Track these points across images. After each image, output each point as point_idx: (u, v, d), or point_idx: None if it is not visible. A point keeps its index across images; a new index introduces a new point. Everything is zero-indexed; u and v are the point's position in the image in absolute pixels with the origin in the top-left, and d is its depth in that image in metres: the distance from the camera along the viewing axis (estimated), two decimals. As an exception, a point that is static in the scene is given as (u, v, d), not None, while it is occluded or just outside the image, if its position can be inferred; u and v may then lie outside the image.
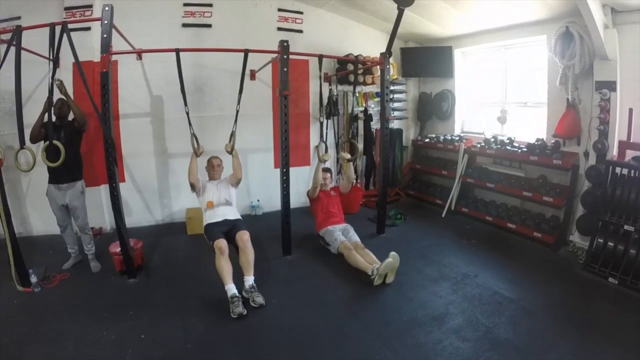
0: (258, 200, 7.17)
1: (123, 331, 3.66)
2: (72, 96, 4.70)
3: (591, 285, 4.38)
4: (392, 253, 4.43)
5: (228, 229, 4.53)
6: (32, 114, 4.37)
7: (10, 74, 4.02)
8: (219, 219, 4.65)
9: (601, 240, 4.57)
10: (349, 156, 5.83)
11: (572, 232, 5.21)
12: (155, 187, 6.60)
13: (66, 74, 4.41)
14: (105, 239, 5.77)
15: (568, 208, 5.38)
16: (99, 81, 4.29)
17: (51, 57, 4.21)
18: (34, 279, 4.40)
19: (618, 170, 4.54)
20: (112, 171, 4.39)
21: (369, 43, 7.37)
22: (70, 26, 4.19)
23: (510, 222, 5.81)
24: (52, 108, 4.33)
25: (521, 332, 3.50)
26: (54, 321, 3.85)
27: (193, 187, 4.88)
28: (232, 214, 4.79)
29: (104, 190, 5.97)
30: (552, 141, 5.42)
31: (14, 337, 3.57)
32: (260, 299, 3.96)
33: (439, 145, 7.33)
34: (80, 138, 4.76)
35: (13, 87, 4.08)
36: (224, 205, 4.79)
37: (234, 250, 4.38)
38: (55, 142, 4.19)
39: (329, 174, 5.71)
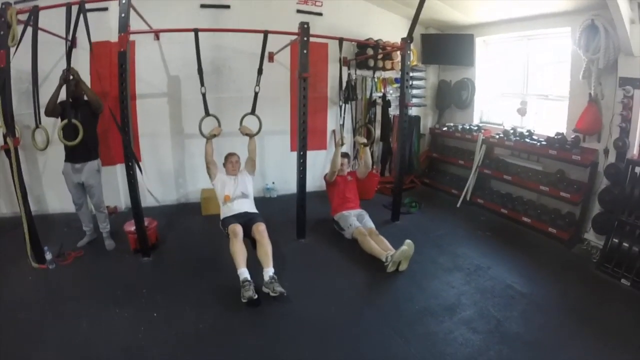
0: (273, 183, 7.30)
1: (136, 309, 3.80)
2: (89, 77, 4.85)
3: (604, 285, 4.40)
4: (407, 241, 4.50)
5: (244, 221, 4.55)
6: (48, 94, 4.46)
7: (27, 54, 4.15)
8: (236, 211, 4.71)
9: (616, 240, 4.57)
10: (364, 140, 5.89)
11: (587, 230, 5.19)
12: (171, 167, 6.75)
13: (83, 54, 4.51)
14: (120, 217, 5.92)
15: (585, 205, 5.35)
16: (116, 61, 4.35)
17: (68, 37, 4.27)
18: (48, 256, 4.54)
19: (638, 169, 4.52)
20: (128, 148, 4.48)
21: (389, 28, 7.33)
22: (87, 6, 4.24)
23: (526, 216, 5.83)
24: (67, 88, 4.42)
25: (532, 328, 3.55)
26: (68, 298, 4.01)
27: (209, 168, 4.96)
28: (248, 206, 4.86)
29: (119, 169, 6.13)
30: (572, 136, 5.42)
31: (29, 313, 3.73)
32: (280, 288, 3.87)
33: (457, 134, 7.33)
34: (96, 118, 4.87)
35: (30, 67, 4.21)
36: (241, 198, 4.85)
37: (250, 244, 4.42)
38: (74, 121, 4.32)
39: (346, 159, 5.80)
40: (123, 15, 4.22)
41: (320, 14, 7.03)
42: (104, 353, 3.25)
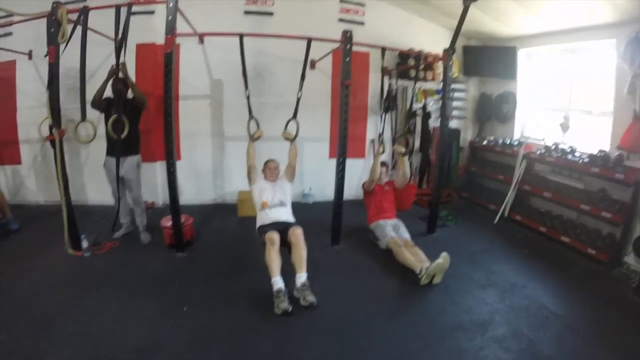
0: (310, 189, 7.49)
1: (166, 303, 4.00)
2: (134, 77, 5.12)
3: None
4: (443, 254, 4.50)
5: (281, 229, 4.49)
6: (94, 91, 4.81)
7: (76, 52, 4.46)
8: (273, 220, 4.70)
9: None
10: (403, 149, 5.92)
11: (628, 253, 5.10)
12: (210, 168, 7.06)
13: (129, 54, 4.78)
14: (157, 213, 6.18)
15: (626, 226, 5.14)
16: (161, 63, 4.59)
17: (118, 35, 4.56)
18: (85, 244, 4.88)
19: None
20: (170, 147, 4.72)
21: (431, 39, 7.45)
22: (135, 9, 4.59)
23: (565, 235, 5.71)
24: (113, 84, 4.75)
25: (565, 352, 3.49)
26: (99, 286, 4.27)
27: (249, 171, 5.05)
28: (286, 215, 4.86)
29: (159, 166, 6.49)
30: (616, 154, 5.26)
31: (60, 297, 4.00)
32: (311, 297, 3.95)
33: (497, 148, 7.34)
34: (139, 115, 5.16)
35: (77, 64, 4.53)
36: (279, 206, 4.86)
37: (286, 251, 4.43)
38: (123, 116, 4.64)
39: (384, 168, 5.87)
40: (170, 17, 4.48)
41: (362, 23, 7.22)
42: (128, 340, 3.43)
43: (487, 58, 7.64)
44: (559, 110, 6.66)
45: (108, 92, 4.90)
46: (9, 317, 3.66)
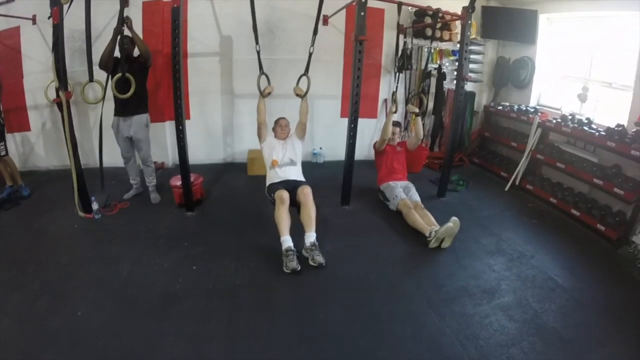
0: (320, 148, 7.51)
1: (176, 260, 4.11)
2: (141, 34, 5.02)
3: None
4: (453, 218, 4.55)
5: (291, 188, 4.55)
6: (100, 52, 4.70)
7: (81, 12, 4.36)
8: (283, 178, 4.73)
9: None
10: (417, 110, 5.94)
11: (637, 233, 5.01)
12: (220, 126, 7.02)
13: (135, 12, 4.68)
14: (167, 173, 6.25)
15: (637, 205, 5.06)
16: (169, 19, 4.47)
17: None
18: (95, 206, 4.92)
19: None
20: (179, 105, 4.68)
21: (449, -3, 7.28)
22: None
23: (575, 209, 5.67)
24: (120, 44, 4.66)
25: (569, 324, 3.52)
26: (111, 246, 4.36)
27: (260, 128, 4.99)
28: (295, 174, 4.87)
29: (168, 126, 6.48)
30: (634, 129, 5.12)
31: (72, 258, 4.10)
32: (320, 258, 4.02)
33: (512, 114, 7.26)
34: (146, 73, 5.10)
35: (83, 26, 4.44)
36: (289, 165, 4.88)
37: (295, 212, 4.48)
38: (127, 74, 4.56)
39: (398, 128, 5.85)
40: (177, -30, 4.36)
41: (378, -23, 6.99)
42: (141, 296, 3.57)
43: (507, 20, 7.45)
44: (578, 80, 6.56)
45: (116, 53, 4.81)
46: (23, 278, 3.75)
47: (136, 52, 4.95)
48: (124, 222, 4.89)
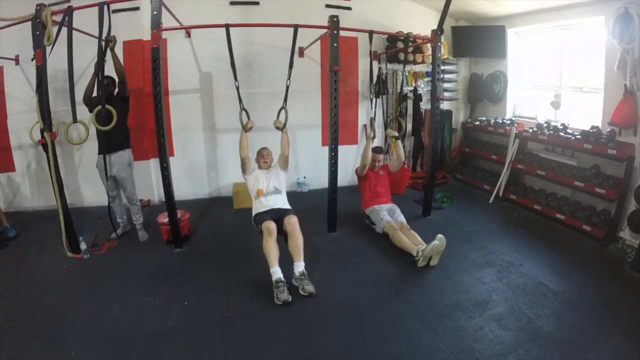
0: (304, 177, 7.49)
1: (167, 297, 4.03)
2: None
3: (638, 286, 4.28)
4: (439, 235, 4.55)
5: (277, 217, 4.54)
6: (83, 92, 4.73)
7: (63, 53, 4.40)
8: (268, 207, 4.72)
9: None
10: (396, 133, 5.97)
11: (623, 228, 5.12)
12: (204, 161, 7.03)
13: (116, 51, 4.75)
14: (153, 210, 6.23)
15: (620, 202, 5.17)
16: (149, 58, 4.57)
17: (100, 37, 4.49)
18: (83, 246, 4.87)
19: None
20: (162, 143, 4.70)
21: (419, 21, 7.39)
22: (120, 6, 4.61)
23: (560, 213, 5.74)
24: (98, 83, 4.65)
25: (564, 327, 3.52)
26: (101, 285, 4.28)
27: (243, 163, 5.00)
28: (281, 202, 4.86)
29: (153, 163, 6.44)
30: (608, 130, 5.28)
31: (62, 299, 4.03)
32: (310, 287, 3.97)
33: (490, 128, 7.33)
34: (127, 107, 5.13)
35: (65, 66, 4.46)
36: (274, 193, 4.86)
37: (283, 240, 4.45)
38: (107, 106, 4.54)
39: (381, 155, 5.82)
40: (155, 12, 4.44)
41: (349, 8, 7.12)
42: (134, 334, 3.48)
43: (477, 38, 7.61)
44: (550, 88, 6.69)
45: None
46: (14, 322, 3.68)
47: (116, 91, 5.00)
48: (113, 262, 4.83)
